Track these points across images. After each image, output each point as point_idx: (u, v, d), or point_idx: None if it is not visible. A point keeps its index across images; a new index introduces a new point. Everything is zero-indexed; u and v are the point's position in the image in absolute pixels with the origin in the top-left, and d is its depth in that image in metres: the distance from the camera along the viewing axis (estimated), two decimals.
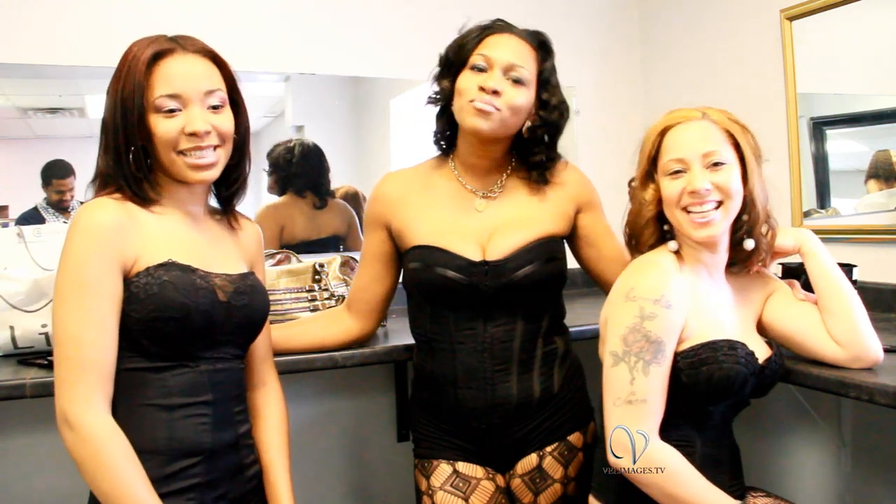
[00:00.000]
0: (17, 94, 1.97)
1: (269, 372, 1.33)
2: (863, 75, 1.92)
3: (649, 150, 1.27)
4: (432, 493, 1.37)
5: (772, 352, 1.28)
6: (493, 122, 1.30)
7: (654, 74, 2.60)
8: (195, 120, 1.11)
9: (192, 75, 1.12)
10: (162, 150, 1.12)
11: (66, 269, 1.05)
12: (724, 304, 1.29)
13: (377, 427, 2.13)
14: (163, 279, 1.08)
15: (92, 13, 1.95)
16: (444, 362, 1.36)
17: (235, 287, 1.16)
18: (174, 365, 1.10)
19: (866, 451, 1.78)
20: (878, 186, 1.87)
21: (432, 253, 1.34)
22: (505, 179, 1.42)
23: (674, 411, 1.21)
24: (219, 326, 1.13)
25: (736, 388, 1.20)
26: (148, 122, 1.10)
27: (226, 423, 1.15)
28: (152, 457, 1.07)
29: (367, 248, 1.47)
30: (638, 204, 1.29)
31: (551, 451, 1.37)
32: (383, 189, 1.44)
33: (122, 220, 1.08)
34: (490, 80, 1.29)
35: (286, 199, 2.23)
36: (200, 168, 1.13)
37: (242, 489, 1.18)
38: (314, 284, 1.67)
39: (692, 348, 1.21)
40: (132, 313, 1.07)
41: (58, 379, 1.04)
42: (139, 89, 1.09)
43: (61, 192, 1.96)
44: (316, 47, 2.21)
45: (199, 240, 1.18)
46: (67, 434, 1.02)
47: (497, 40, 1.33)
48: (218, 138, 1.14)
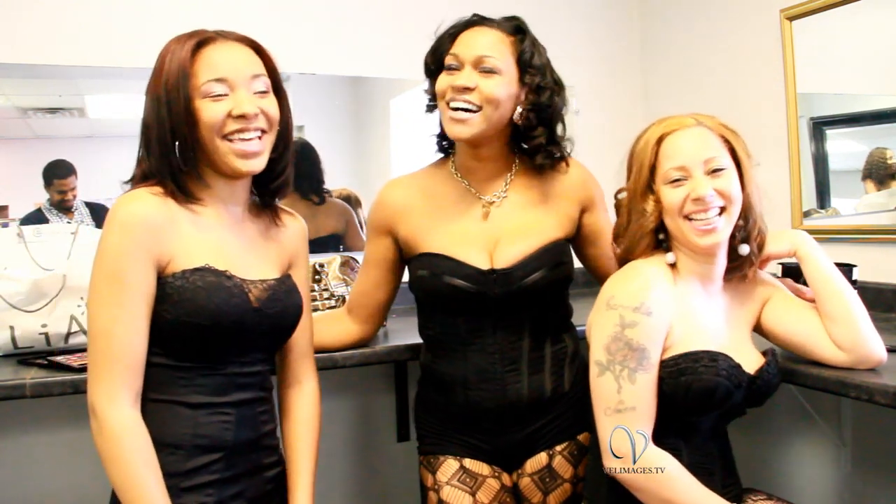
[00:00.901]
0: (17, 94, 1.97)
1: (307, 370, 1.31)
2: (863, 75, 1.92)
3: (649, 158, 1.24)
4: (438, 488, 1.36)
5: (765, 360, 1.26)
6: (473, 127, 1.29)
7: (654, 74, 2.60)
8: (243, 102, 1.10)
9: (237, 60, 1.13)
10: (208, 136, 1.10)
11: (102, 262, 1.05)
12: (716, 313, 1.27)
13: (377, 427, 2.13)
14: (197, 284, 1.08)
15: (92, 13, 1.94)
16: (454, 364, 1.35)
17: (270, 294, 1.16)
18: (201, 366, 1.11)
19: (866, 451, 1.78)
20: (874, 187, 1.87)
21: (440, 261, 1.33)
22: (511, 179, 1.40)
23: (659, 421, 1.20)
24: (248, 333, 1.13)
25: (717, 401, 1.19)
26: (194, 109, 1.09)
27: (248, 424, 1.15)
28: (176, 451, 1.08)
29: (371, 254, 1.47)
30: (638, 215, 1.25)
31: (561, 450, 1.37)
32: (388, 195, 1.43)
33: (160, 216, 1.07)
34: (460, 79, 1.29)
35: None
36: (247, 156, 1.11)
37: (261, 489, 1.18)
38: (314, 284, 1.67)
39: (673, 358, 1.20)
40: (164, 313, 1.07)
41: (89, 371, 1.06)
42: (184, 78, 1.08)
43: (63, 192, 1.96)
44: (316, 47, 2.21)
45: (237, 243, 1.17)
46: (94, 424, 1.04)
47: (466, 36, 1.32)
48: (265, 122, 1.13)
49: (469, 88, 1.28)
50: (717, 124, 1.24)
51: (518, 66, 1.32)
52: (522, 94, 1.33)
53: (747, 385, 1.22)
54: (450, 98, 1.30)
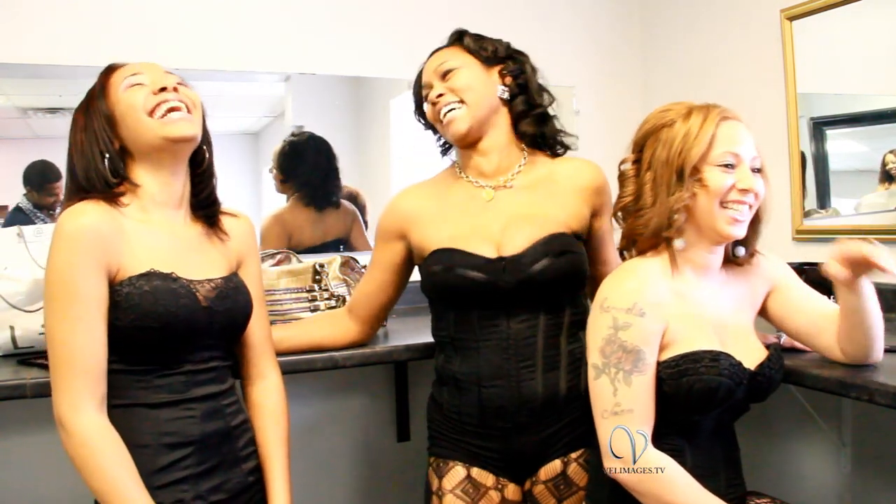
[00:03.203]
0: (17, 94, 1.97)
1: (268, 365, 1.33)
2: (863, 75, 1.92)
3: (712, 133, 1.20)
4: (442, 495, 1.36)
5: (767, 354, 1.26)
6: (465, 118, 1.37)
7: (654, 74, 2.60)
8: (159, 79, 1.16)
9: (149, 64, 1.20)
10: (134, 123, 1.14)
11: (53, 276, 1.07)
12: (717, 302, 1.27)
13: (377, 427, 2.13)
14: (144, 289, 1.09)
15: (92, 13, 1.95)
16: (468, 361, 1.35)
17: (218, 292, 1.18)
18: (157, 368, 1.13)
19: (866, 451, 1.78)
20: (884, 187, 1.86)
21: (451, 255, 1.34)
22: (518, 170, 1.42)
23: (662, 420, 1.20)
24: (201, 332, 1.15)
25: (719, 399, 1.19)
26: (114, 105, 1.15)
27: (215, 416, 1.17)
28: (143, 451, 1.09)
29: (379, 258, 1.48)
30: (676, 188, 1.21)
31: (576, 457, 1.36)
32: (401, 202, 1.46)
33: (106, 225, 1.09)
34: (434, 92, 1.41)
35: (291, 205, 2.22)
36: (175, 122, 1.14)
37: (242, 482, 1.19)
38: (314, 284, 1.67)
39: (673, 358, 1.20)
40: (115, 321, 1.09)
41: (52, 383, 1.07)
42: (101, 89, 1.17)
43: (55, 194, 1.95)
44: (316, 47, 2.21)
45: (182, 246, 1.19)
46: (62, 435, 1.06)
47: (426, 67, 1.45)
48: (188, 100, 1.17)
49: (442, 94, 1.39)
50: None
51: (472, 55, 1.41)
52: (496, 73, 1.42)
53: (749, 381, 1.22)
54: (437, 109, 1.40)
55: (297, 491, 1.28)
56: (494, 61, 1.42)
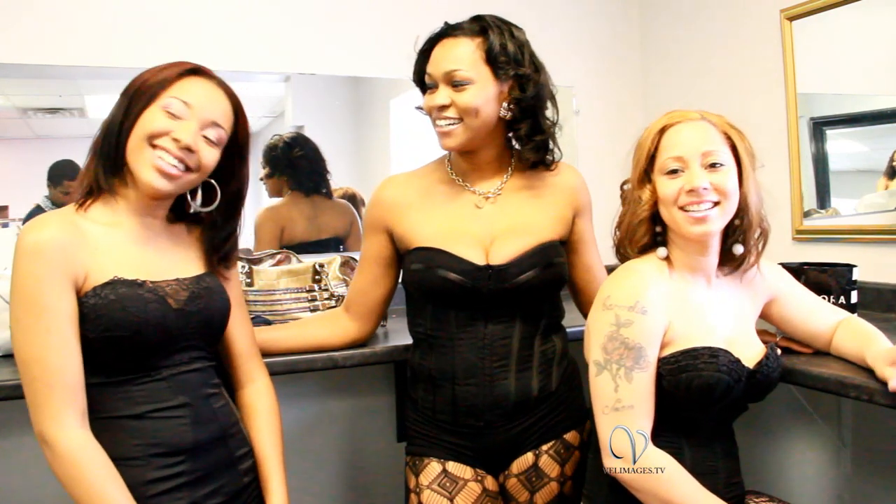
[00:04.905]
0: (17, 94, 1.97)
1: (256, 368, 1.32)
2: (863, 75, 1.92)
3: (648, 147, 1.26)
4: (419, 492, 1.37)
5: (766, 352, 1.27)
6: (458, 137, 1.34)
7: (654, 74, 2.60)
8: (185, 132, 1.11)
9: (208, 97, 1.15)
10: (137, 143, 1.11)
11: (19, 292, 1.04)
12: (717, 304, 1.28)
13: (377, 427, 2.13)
14: (110, 298, 1.07)
15: (92, 13, 1.94)
16: (443, 358, 1.36)
17: (189, 292, 1.16)
18: (134, 377, 1.10)
19: (866, 451, 1.78)
20: (888, 183, 1.85)
21: (435, 255, 1.34)
22: (506, 180, 1.42)
23: (661, 419, 1.20)
24: (176, 335, 1.13)
25: (717, 396, 1.19)
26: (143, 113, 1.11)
27: (206, 419, 1.15)
28: (131, 464, 1.07)
29: (367, 251, 1.47)
30: (633, 203, 1.28)
31: (547, 449, 1.37)
32: (384, 193, 1.44)
33: (68, 236, 1.07)
34: (436, 99, 1.33)
35: (287, 200, 2.22)
36: (161, 172, 1.10)
37: (238, 484, 1.18)
38: (314, 284, 1.67)
39: (673, 354, 1.21)
40: (86, 333, 1.07)
41: (29, 400, 1.05)
42: (159, 86, 1.12)
43: (69, 192, 1.96)
44: (316, 47, 2.21)
45: (150, 251, 1.16)
46: (47, 453, 1.04)
47: (436, 53, 1.35)
48: (193, 160, 1.13)
49: (445, 106, 1.32)
50: (722, 122, 1.26)
51: (489, 66, 1.32)
52: (505, 88, 1.34)
53: (747, 379, 1.23)
54: (434, 117, 1.36)
55: (295, 490, 1.28)
56: (509, 78, 1.33)
